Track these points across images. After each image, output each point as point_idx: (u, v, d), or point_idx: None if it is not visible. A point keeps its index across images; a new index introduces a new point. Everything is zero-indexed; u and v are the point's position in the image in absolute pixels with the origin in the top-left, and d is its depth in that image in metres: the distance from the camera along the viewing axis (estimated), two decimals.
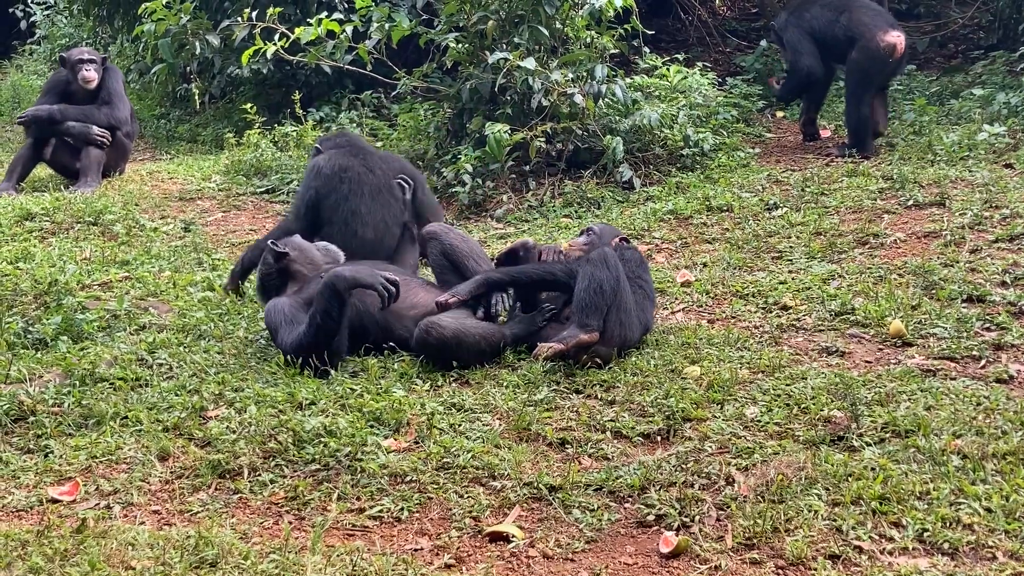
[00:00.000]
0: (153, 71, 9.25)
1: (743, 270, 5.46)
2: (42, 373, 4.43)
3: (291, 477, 3.62)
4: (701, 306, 5.09)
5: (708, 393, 4.08)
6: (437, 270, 4.97)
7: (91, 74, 7.78)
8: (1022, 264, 5.08)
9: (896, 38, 7.25)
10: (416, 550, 3.21)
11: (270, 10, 7.54)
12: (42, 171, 8.14)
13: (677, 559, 3.13)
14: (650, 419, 3.91)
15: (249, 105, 8.47)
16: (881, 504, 3.25)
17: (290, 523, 3.36)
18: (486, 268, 4.86)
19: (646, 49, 8.24)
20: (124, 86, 8.32)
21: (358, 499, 3.49)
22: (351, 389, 4.19)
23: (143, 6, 8.35)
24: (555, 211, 6.71)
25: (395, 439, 3.84)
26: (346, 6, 8.09)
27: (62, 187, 7.66)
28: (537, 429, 3.87)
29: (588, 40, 7.23)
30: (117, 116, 7.84)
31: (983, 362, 4.26)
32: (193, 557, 3.10)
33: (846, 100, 7.44)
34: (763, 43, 9.58)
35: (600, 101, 7.00)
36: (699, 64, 8.33)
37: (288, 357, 4.38)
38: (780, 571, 3.04)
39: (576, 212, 6.69)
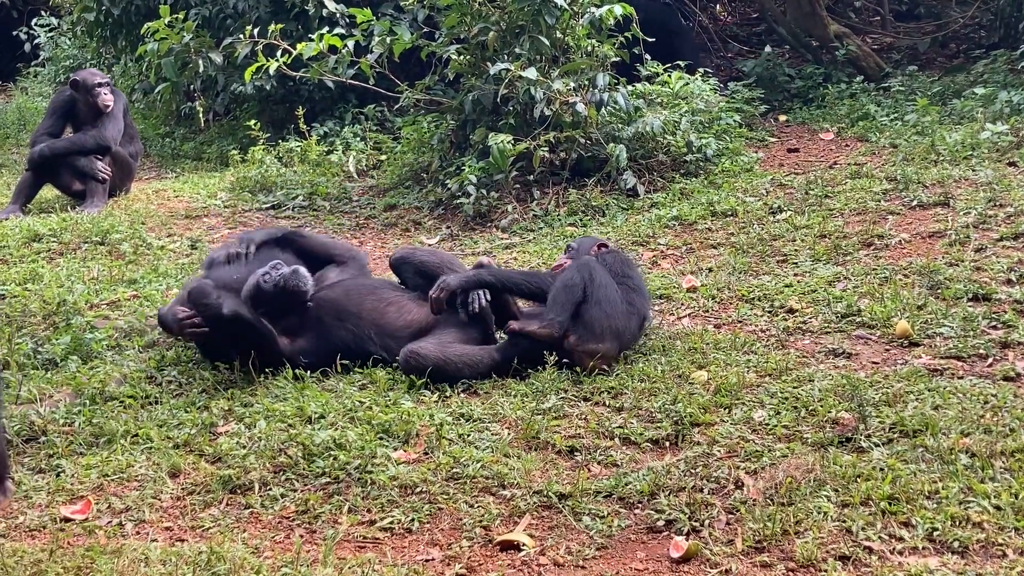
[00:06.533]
0: (157, 90, 9.28)
1: (748, 274, 5.46)
2: (52, 393, 4.46)
3: (302, 491, 3.63)
4: (707, 311, 5.09)
5: (716, 397, 4.08)
6: (419, 291, 4.81)
7: (109, 97, 7.82)
8: None
9: None
10: (427, 560, 3.23)
11: (272, 27, 7.57)
12: (49, 192, 8.17)
13: (688, 564, 3.14)
14: (658, 425, 3.92)
15: (253, 122, 8.51)
16: (890, 504, 3.25)
17: (301, 537, 3.38)
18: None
19: (647, 56, 8.25)
20: (127, 107, 8.34)
21: (369, 511, 3.51)
22: (360, 402, 4.21)
23: (146, 26, 8.39)
24: (560, 220, 6.72)
25: (404, 451, 3.85)
26: (347, 21, 8.11)
27: (69, 207, 7.69)
28: (546, 437, 3.89)
29: (589, 49, 7.23)
30: (104, 135, 7.83)
31: (990, 360, 4.26)
32: (205, 573, 3.12)
33: None
34: (768, 48, 9.63)
35: (602, 109, 7.01)
36: (700, 70, 8.33)
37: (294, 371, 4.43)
38: (791, 573, 3.04)
39: (581, 220, 6.69)
